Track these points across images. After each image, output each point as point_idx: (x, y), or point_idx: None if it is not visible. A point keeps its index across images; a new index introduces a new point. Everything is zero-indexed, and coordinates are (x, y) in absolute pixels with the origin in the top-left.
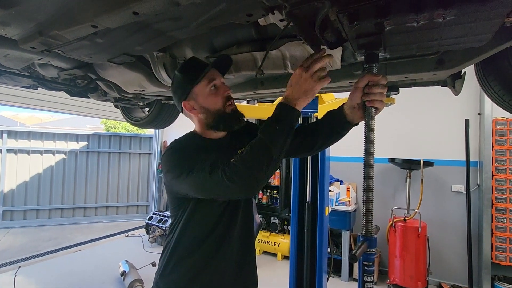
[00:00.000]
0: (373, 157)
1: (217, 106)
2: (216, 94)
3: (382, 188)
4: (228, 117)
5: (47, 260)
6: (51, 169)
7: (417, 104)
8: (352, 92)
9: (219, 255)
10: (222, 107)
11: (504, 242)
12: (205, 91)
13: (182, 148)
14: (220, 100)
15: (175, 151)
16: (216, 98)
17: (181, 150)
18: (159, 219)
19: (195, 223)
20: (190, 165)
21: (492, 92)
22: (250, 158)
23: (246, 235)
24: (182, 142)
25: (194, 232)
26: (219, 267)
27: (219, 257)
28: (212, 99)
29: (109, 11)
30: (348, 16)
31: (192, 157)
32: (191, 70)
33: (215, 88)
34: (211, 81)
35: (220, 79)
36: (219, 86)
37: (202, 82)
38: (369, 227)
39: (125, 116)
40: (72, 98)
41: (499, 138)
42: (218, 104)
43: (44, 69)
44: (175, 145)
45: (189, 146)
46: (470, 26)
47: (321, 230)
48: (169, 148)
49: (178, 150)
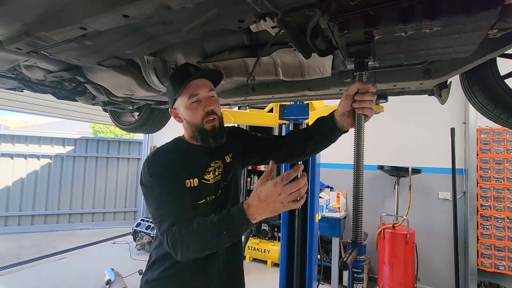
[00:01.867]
0: (362, 164)
1: (195, 120)
2: (196, 108)
3: (372, 195)
4: (205, 133)
5: (29, 269)
6: (36, 173)
7: (405, 112)
8: (342, 100)
9: (205, 263)
10: (200, 122)
11: (489, 248)
12: (185, 103)
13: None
14: (199, 115)
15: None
16: (195, 112)
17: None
18: (147, 226)
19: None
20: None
21: (476, 102)
22: (190, 242)
23: (234, 244)
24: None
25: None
26: (206, 275)
27: (205, 265)
28: (190, 113)
29: (98, 13)
30: (338, 25)
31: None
32: (176, 80)
33: (197, 102)
34: (192, 96)
35: (205, 93)
36: (202, 99)
37: (184, 93)
38: (358, 234)
39: (114, 120)
40: (59, 101)
41: (483, 147)
42: (196, 118)
43: (30, 71)
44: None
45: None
46: (456, 37)
47: (311, 237)
48: (150, 157)
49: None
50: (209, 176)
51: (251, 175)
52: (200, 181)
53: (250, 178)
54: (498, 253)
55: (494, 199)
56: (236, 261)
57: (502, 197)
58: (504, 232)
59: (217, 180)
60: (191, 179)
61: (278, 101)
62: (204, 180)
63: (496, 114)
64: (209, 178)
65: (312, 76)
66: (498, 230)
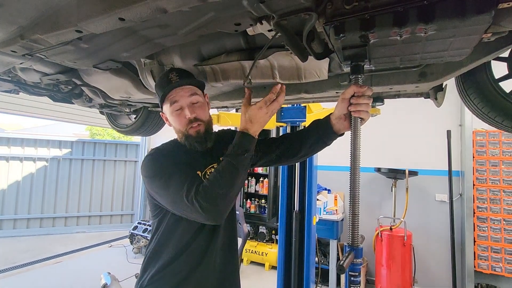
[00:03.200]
0: (359, 166)
1: (179, 127)
2: (179, 115)
3: (369, 197)
4: (190, 139)
5: (24, 273)
6: (31, 176)
7: (402, 115)
8: (339, 103)
9: (201, 265)
10: (183, 129)
11: (485, 250)
12: (169, 111)
13: (163, 155)
14: (182, 122)
15: (156, 156)
16: (177, 119)
17: (162, 157)
18: (144, 229)
19: (176, 232)
20: (169, 174)
21: (471, 105)
22: (221, 182)
23: (229, 245)
24: (162, 149)
25: (175, 241)
26: (201, 277)
27: (201, 267)
28: (174, 120)
29: (94, 16)
30: (334, 28)
31: (172, 165)
32: (158, 88)
33: (179, 110)
34: (173, 103)
35: (186, 100)
36: (184, 107)
37: (166, 102)
38: (355, 237)
39: (111, 123)
40: (56, 103)
41: (479, 149)
42: (180, 125)
43: (26, 73)
44: (156, 151)
45: (170, 154)
46: (450, 41)
47: (309, 240)
48: (150, 153)
49: (159, 156)
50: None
51: (248, 177)
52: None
53: (247, 181)
54: (495, 254)
55: (490, 201)
56: (232, 263)
57: (498, 199)
58: (501, 234)
59: None
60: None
61: None
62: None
63: (491, 116)
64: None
65: (308, 79)
66: (494, 232)
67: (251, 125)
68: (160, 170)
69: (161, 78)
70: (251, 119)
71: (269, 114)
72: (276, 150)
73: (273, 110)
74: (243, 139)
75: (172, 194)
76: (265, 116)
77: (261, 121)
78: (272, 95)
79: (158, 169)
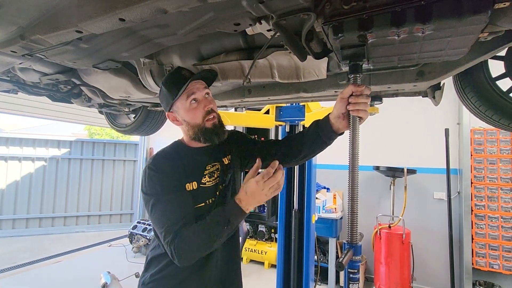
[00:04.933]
0: (357, 165)
1: (196, 121)
2: (196, 108)
3: (368, 195)
4: (207, 132)
5: (23, 273)
6: (30, 176)
7: (400, 113)
8: (337, 102)
9: (203, 264)
10: (201, 121)
11: (483, 248)
12: (185, 105)
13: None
14: (200, 115)
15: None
16: (195, 113)
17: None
18: (143, 228)
19: None
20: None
21: (469, 103)
22: (195, 241)
23: (231, 244)
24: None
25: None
26: (204, 276)
27: (203, 266)
28: (191, 113)
29: (95, 16)
30: (332, 28)
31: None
32: (172, 84)
33: (195, 102)
34: (190, 95)
35: (202, 93)
36: (200, 100)
37: (182, 96)
38: (354, 235)
39: (110, 122)
40: (55, 103)
41: (476, 147)
42: (197, 118)
43: (25, 73)
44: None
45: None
46: (448, 40)
47: (308, 238)
48: (150, 162)
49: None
50: (206, 179)
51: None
52: (199, 185)
53: None
54: (493, 252)
55: (488, 199)
56: (234, 261)
57: (496, 197)
58: (498, 231)
59: (215, 183)
60: (191, 182)
61: (274, 103)
62: (202, 184)
63: (488, 115)
64: (205, 181)
65: (307, 78)
66: (492, 229)
67: (245, 198)
68: (151, 192)
69: (173, 76)
70: (247, 191)
71: (264, 192)
72: (277, 152)
73: (270, 188)
74: (232, 209)
75: (154, 223)
76: (260, 193)
77: (256, 196)
78: (271, 169)
79: (150, 190)
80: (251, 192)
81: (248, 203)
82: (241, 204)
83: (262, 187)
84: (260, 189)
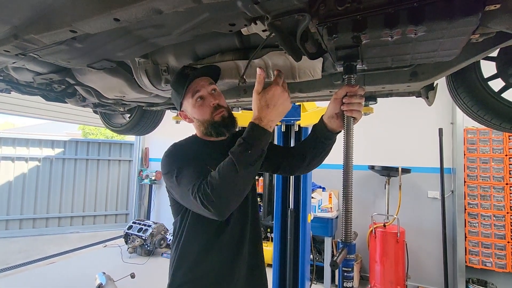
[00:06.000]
0: (352, 165)
1: (204, 117)
2: (202, 105)
3: (363, 195)
4: (218, 125)
5: (17, 274)
6: (23, 176)
7: (395, 113)
8: (331, 102)
9: (233, 261)
10: (209, 117)
11: (476, 246)
12: (191, 103)
13: (179, 151)
14: (207, 111)
15: (172, 152)
16: (202, 109)
17: (177, 152)
18: (139, 228)
19: (204, 226)
20: (180, 169)
21: (462, 104)
22: (220, 183)
23: (257, 236)
24: (179, 145)
25: (202, 237)
26: (231, 279)
27: (230, 269)
28: (198, 111)
29: (89, 16)
30: (327, 29)
31: (184, 161)
32: (178, 84)
33: (201, 100)
34: (195, 93)
35: (207, 89)
36: (206, 96)
37: (187, 95)
38: (348, 234)
39: (105, 122)
40: (48, 103)
41: (470, 146)
42: (205, 115)
43: (18, 73)
44: (173, 147)
45: (186, 149)
46: (440, 41)
47: (304, 237)
48: (167, 150)
49: (174, 152)
50: None
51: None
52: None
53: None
54: (485, 250)
55: (481, 198)
56: (259, 252)
57: (489, 195)
58: (491, 229)
59: None
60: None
61: None
62: None
63: (480, 115)
64: None
65: (303, 78)
66: (485, 227)
67: (267, 112)
68: (173, 167)
69: (178, 76)
70: (269, 104)
71: (287, 96)
72: (283, 162)
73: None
74: (251, 132)
75: (182, 189)
76: (287, 100)
77: (279, 106)
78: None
79: (172, 166)
80: (275, 102)
81: (272, 116)
82: (262, 120)
83: (285, 89)
84: (287, 95)
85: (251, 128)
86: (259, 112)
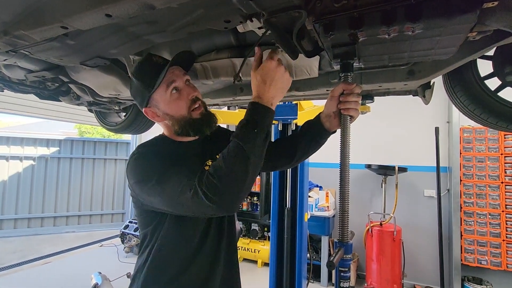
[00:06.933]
0: (348, 164)
1: (181, 112)
2: (179, 98)
3: (360, 193)
4: (196, 123)
5: (12, 274)
6: (18, 176)
7: (391, 112)
8: (328, 101)
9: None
10: (187, 112)
11: (472, 244)
12: (165, 97)
13: (151, 153)
14: (184, 105)
15: (143, 155)
16: (179, 103)
17: (150, 154)
18: (135, 228)
19: (177, 239)
20: (161, 172)
21: (458, 102)
22: (228, 171)
23: (232, 244)
24: (150, 146)
25: (176, 250)
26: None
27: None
28: (174, 105)
29: (80, 12)
30: (323, 26)
31: (163, 162)
32: (146, 75)
33: (177, 92)
34: (170, 85)
35: (182, 80)
36: (182, 88)
37: (161, 87)
38: (345, 233)
39: (100, 121)
40: (43, 101)
41: (466, 145)
42: (182, 110)
43: (10, 70)
44: (142, 149)
45: (159, 151)
46: (437, 39)
47: (301, 236)
48: (135, 153)
49: (146, 155)
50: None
51: None
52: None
53: None
54: (481, 248)
55: (477, 196)
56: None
57: (484, 194)
58: (486, 228)
59: None
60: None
61: None
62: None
63: (477, 114)
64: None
65: (299, 77)
66: (480, 226)
67: (265, 89)
68: (150, 172)
69: (145, 65)
70: (266, 81)
71: (284, 70)
72: (271, 155)
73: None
74: (253, 111)
75: (168, 193)
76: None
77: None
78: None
79: (149, 168)
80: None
81: (271, 93)
82: (261, 99)
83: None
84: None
85: (252, 107)
86: (258, 90)
